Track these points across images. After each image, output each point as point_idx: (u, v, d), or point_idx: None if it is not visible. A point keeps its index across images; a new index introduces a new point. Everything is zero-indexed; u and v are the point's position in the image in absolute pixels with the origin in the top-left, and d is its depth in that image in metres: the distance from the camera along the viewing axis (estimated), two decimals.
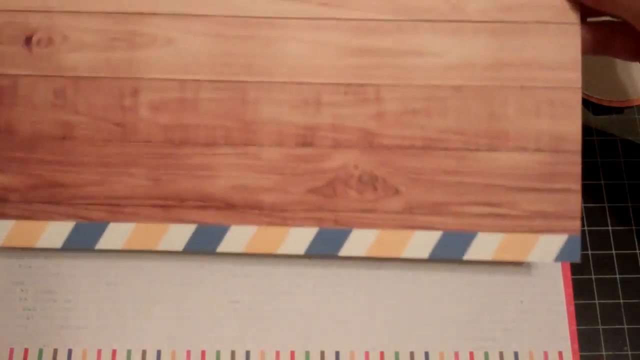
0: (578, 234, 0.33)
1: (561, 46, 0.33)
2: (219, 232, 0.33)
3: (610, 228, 0.38)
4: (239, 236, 0.33)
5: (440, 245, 0.33)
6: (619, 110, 0.41)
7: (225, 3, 0.33)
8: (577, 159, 0.33)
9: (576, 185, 0.33)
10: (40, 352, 0.34)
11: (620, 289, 0.37)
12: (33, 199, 0.33)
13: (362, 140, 0.33)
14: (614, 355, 0.36)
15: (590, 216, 0.38)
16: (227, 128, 0.33)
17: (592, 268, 0.37)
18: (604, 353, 0.36)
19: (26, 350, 0.34)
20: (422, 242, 0.33)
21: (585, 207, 0.39)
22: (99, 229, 0.33)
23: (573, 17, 0.33)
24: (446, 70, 0.33)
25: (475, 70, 0.33)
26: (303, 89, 0.33)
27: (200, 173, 0.33)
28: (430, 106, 0.33)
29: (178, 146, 0.33)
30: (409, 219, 0.33)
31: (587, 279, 0.37)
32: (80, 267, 0.35)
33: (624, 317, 0.36)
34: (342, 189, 0.33)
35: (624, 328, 0.36)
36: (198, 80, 0.33)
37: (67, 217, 0.33)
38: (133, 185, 0.33)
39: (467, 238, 0.33)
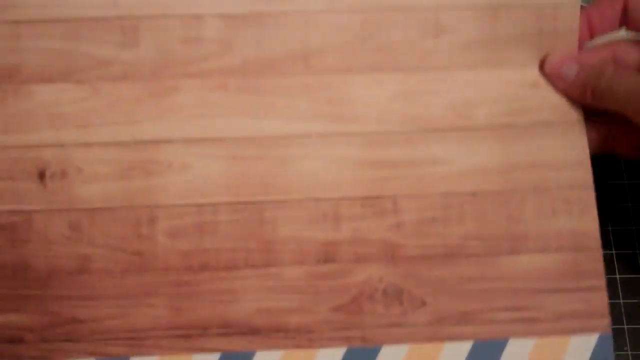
0: (609, 333, 0.32)
1: (569, 146, 0.34)
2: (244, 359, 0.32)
3: (610, 228, 0.38)
4: None
5: (472, 355, 0.32)
6: None
7: (238, 126, 0.34)
8: (599, 255, 0.33)
9: (600, 282, 0.33)
10: None
11: (620, 289, 0.37)
12: (50, 337, 0.32)
13: (383, 252, 0.33)
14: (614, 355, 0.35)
15: None
16: (247, 250, 0.33)
17: None
18: None
19: None
20: (454, 354, 0.32)
21: None
22: None
23: (577, 116, 0.34)
24: (460, 177, 0.34)
25: (488, 174, 0.34)
26: (320, 204, 0.33)
27: (222, 298, 0.32)
28: (448, 213, 0.33)
29: (198, 272, 0.33)
30: (438, 330, 0.32)
31: None
32: None
33: (624, 317, 0.36)
34: (368, 304, 0.33)
35: (624, 328, 0.36)
36: (215, 204, 0.33)
37: (86, 354, 0.32)
38: (153, 316, 0.32)
39: (498, 346, 0.32)
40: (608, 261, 0.37)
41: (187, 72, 0.34)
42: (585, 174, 0.34)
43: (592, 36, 0.36)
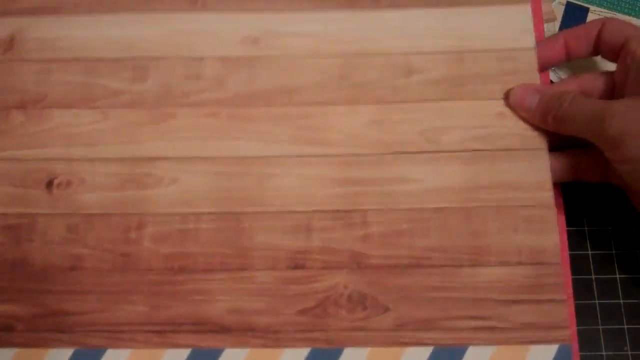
0: (568, 343, 0.33)
1: (531, 169, 0.36)
2: (213, 356, 0.34)
3: (610, 228, 0.38)
4: (232, 359, 0.34)
5: None
6: None
7: (223, 147, 0.38)
8: (558, 270, 0.34)
9: (560, 296, 0.34)
10: None
11: (620, 289, 0.37)
12: (39, 327, 0.35)
13: (350, 261, 0.35)
14: (614, 355, 0.35)
15: (590, 216, 0.38)
16: (223, 255, 0.35)
17: (592, 268, 0.37)
18: (604, 353, 0.35)
19: None
20: (414, 359, 0.33)
21: (585, 206, 0.39)
22: (97, 355, 0.34)
23: (540, 143, 0.37)
24: (426, 195, 0.36)
25: (453, 193, 0.36)
26: (294, 216, 0.36)
27: (196, 298, 0.35)
28: (414, 227, 0.36)
29: (176, 273, 0.35)
30: (400, 335, 0.34)
31: (587, 279, 0.37)
32: None
33: (624, 317, 0.36)
34: (332, 308, 0.34)
35: (624, 328, 0.36)
36: (198, 213, 0.36)
37: (68, 344, 0.34)
38: (132, 312, 0.35)
39: (458, 352, 0.33)
40: (608, 261, 0.38)
41: (185, 102, 0.39)
42: (546, 195, 0.36)
43: (568, 58, 0.39)
